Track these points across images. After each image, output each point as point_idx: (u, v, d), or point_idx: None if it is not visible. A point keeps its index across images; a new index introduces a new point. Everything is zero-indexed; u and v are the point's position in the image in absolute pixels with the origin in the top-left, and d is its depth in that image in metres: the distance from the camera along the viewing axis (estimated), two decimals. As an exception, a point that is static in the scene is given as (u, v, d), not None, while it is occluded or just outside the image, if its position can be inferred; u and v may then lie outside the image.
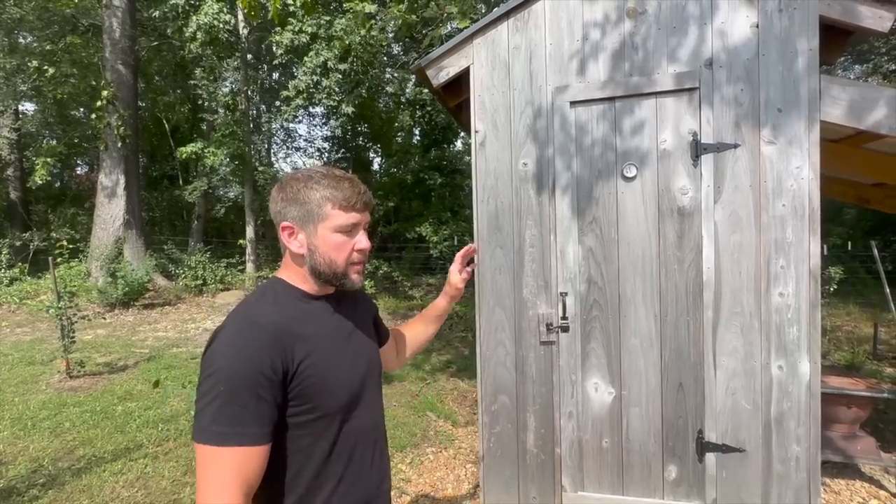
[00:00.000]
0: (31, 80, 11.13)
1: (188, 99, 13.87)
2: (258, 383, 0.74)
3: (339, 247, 0.87)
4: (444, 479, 2.83)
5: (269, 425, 0.76)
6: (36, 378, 4.75)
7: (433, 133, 12.16)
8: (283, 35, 7.94)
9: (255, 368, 0.74)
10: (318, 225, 0.86)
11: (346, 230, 0.87)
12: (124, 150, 9.36)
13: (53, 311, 4.65)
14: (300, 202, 0.86)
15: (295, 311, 0.87)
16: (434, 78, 2.23)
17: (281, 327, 0.81)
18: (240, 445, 0.72)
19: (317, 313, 0.90)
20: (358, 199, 0.86)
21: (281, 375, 0.77)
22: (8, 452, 3.16)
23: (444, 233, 10.43)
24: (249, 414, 0.73)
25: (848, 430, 2.73)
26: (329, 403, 0.84)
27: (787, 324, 1.86)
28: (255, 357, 0.75)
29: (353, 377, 0.91)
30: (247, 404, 0.73)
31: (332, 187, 0.85)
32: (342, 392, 0.87)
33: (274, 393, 0.76)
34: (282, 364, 0.77)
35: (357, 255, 0.89)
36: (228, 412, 0.72)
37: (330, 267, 0.87)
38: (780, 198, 1.85)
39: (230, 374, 0.73)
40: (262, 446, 0.75)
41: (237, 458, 0.72)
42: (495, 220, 2.17)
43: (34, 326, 7.13)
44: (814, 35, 1.81)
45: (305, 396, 0.81)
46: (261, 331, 0.79)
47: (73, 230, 12.16)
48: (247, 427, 0.73)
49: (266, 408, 0.75)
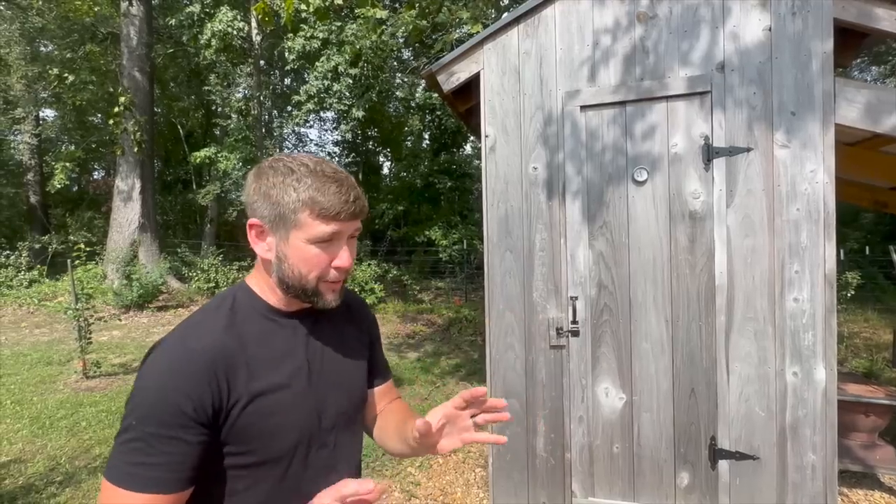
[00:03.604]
0: (52, 87, 11.45)
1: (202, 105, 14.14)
2: (177, 423, 0.62)
3: (312, 260, 0.70)
4: (453, 483, 2.83)
5: (189, 471, 0.64)
6: (54, 378, 4.86)
7: (442, 137, 12.23)
8: (295, 41, 8.07)
9: (174, 406, 0.62)
10: (291, 231, 0.69)
11: (323, 242, 0.70)
12: (140, 155, 9.57)
13: (71, 313, 4.75)
14: (273, 201, 0.69)
15: (250, 330, 0.72)
16: (445, 83, 2.25)
17: (219, 354, 0.67)
18: (145, 492, 0.61)
19: (279, 334, 0.75)
20: (343, 208, 0.69)
21: (210, 413, 0.65)
22: (27, 450, 3.23)
23: (454, 237, 10.46)
24: (164, 457, 0.62)
25: (867, 439, 2.67)
26: (272, 448, 0.70)
27: (802, 329, 1.83)
28: (178, 391, 0.63)
29: (313, 417, 0.75)
30: (161, 445, 0.62)
31: (313, 189, 0.68)
32: (291, 435, 0.72)
33: (198, 434, 0.64)
34: (212, 400, 0.65)
35: (334, 274, 0.72)
36: (138, 452, 0.62)
37: (299, 281, 0.71)
38: (794, 202, 1.83)
39: (145, 411, 0.62)
40: (175, 495, 0.63)
41: (138, 503, 0.61)
42: (505, 225, 2.18)
43: (52, 327, 7.29)
44: (828, 37, 1.79)
45: (242, 438, 0.68)
46: (192, 359, 0.65)
47: (90, 233, 12.43)
48: (157, 471, 0.61)
49: (185, 451, 0.63)
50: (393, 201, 11.90)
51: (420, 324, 7.75)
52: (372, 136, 15.90)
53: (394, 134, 14.88)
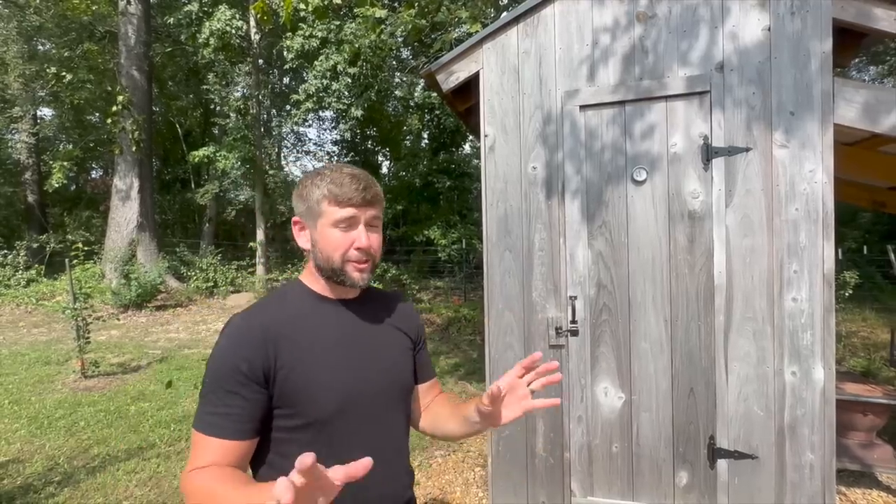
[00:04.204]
0: (49, 85, 11.41)
1: (200, 104, 14.11)
2: (235, 380, 0.77)
3: (335, 242, 0.84)
4: (452, 482, 2.83)
5: (249, 422, 0.78)
6: (52, 377, 4.85)
7: (441, 137, 12.22)
8: (294, 40, 8.05)
9: (232, 366, 0.78)
10: (318, 220, 0.86)
11: (341, 225, 0.84)
12: (138, 155, 9.54)
13: (69, 313, 4.74)
14: (304, 198, 0.87)
15: (295, 311, 0.86)
16: (444, 82, 2.25)
17: (268, 327, 0.81)
18: (213, 436, 0.76)
19: (321, 315, 0.88)
20: (355, 194, 0.83)
21: (261, 375, 0.78)
22: (25, 450, 3.22)
23: (453, 236, 10.46)
24: (226, 407, 0.77)
25: (864, 438, 2.68)
26: (311, 411, 0.81)
27: (801, 329, 1.83)
28: (236, 354, 0.78)
29: (351, 387, 0.85)
30: (224, 398, 0.77)
31: (331, 183, 0.84)
32: (329, 401, 0.82)
33: (253, 391, 0.78)
34: (262, 364, 0.78)
35: (355, 253, 0.85)
36: (210, 403, 0.78)
37: (328, 262, 0.86)
38: (793, 202, 1.83)
39: (213, 369, 0.79)
40: (237, 441, 0.77)
41: (210, 446, 0.76)
42: (504, 224, 2.18)
43: (50, 327, 7.27)
44: (827, 37, 1.79)
45: (286, 399, 0.80)
46: (247, 331, 0.81)
47: (88, 233, 12.40)
48: (222, 419, 0.77)
49: (243, 405, 0.77)
50: (392, 201, 11.88)
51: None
52: (371, 136, 15.88)
53: (392, 133, 14.86)
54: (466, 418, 0.87)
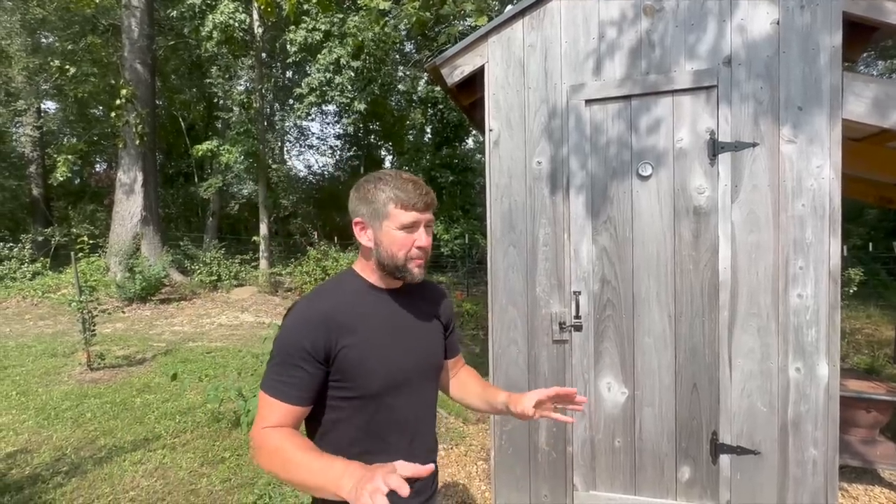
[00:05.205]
0: (53, 79, 11.41)
1: (204, 97, 14.09)
2: (299, 356, 0.89)
3: (400, 242, 0.95)
4: (455, 475, 2.84)
5: (308, 391, 0.91)
6: (58, 370, 4.89)
7: (445, 131, 12.17)
8: (297, 33, 8.02)
9: (298, 343, 0.90)
10: (383, 222, 0.95)
11: (406, 227, 0.94)
12: (142, 148, 9.54)
13: (75, 305, 4.77)
14: (369, 201, 0.96)
15: (352, 300, 0.98)
16: (448, 76, 2.23)
17: (330, 313, 0.93)
18: (278, 399, 0.89)
19: (374, 303, 1.00)
20: (419, 199, 0.94)
21: (322, 353, 0.90)
22: (33, 441, 3.26)
23: (456, 231, 10.45)
24: (290, 377, 0.89)
25: (867, 435, 2.68)
26: (365, 385, 0.94)
27: (806, 325, 1.83)
28: (302, 334, 0.91)
29: (396, 366, 0.98)
30: (289, 369, 0.90)
31: (396, 188, 0.94)
32: (379, 377, 0.95)
33: (314, 366, 0.90)
34: (324, 344, 0.90)
35: (416, 252, 0.96)
36: (276, 372, 0.90)
37: (392, 260, 0.96)
38: (799, 197, 1.82)
39: (281, 344, 0.91)
40: (297, 406, 0.90)
41: (276, 407, 0.89)
42: (509, 219, 2.18)
43: (56, 319, 7.32)
44: (837, 31, 1.77)
45: (343, 375, 0.93)
46: (312, 313, 0.93)
47: (92, 226, 12.46)
48: (287, 387, 0.89)
49: (305, 376, 0.90)
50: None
51: (422, 318, 7.77)
52: (374, 130, 15.84)
53: (396, 128, 14.82)
54: (492, 403, 1.10)
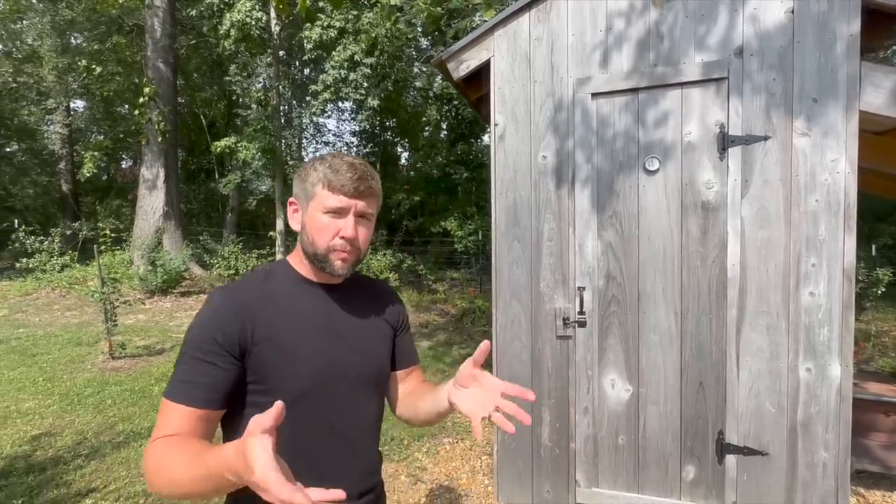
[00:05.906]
0: (81, 78, 11.80)
1: (224, 95, 14.37)
2: (210, 349, 0.78)
3: (322, 228, 0.85)
4: (459, 469, 2.86)
5: (218, 392, 0.78)
6: (82, 358, 5.08)
7: (460, 127, 12.13)
8: (313, 30, 8.09)
9: (209, 336, 0.79)
10: (310, 203, 0.87)
11: (332, 212, 0.85)
12: (164, 145, 9.80)
13: (98, 297, 4.95)
14: (302, 179, 0.88)
15: (277, 290, 0.88)
16: (454, 71, 2.23)
17: (248, 302, 0.83)
18: (182, 404, 0.76)
19: (302, 297, 0.89)
20: (350, 183, 0.83)
21: (236, 347, 0.79)
22: (56, 425, 3.41)
23: (469, 227, 10.43)
24: (198, 374, 0.77)
25: (887, 440, 2.58)
26: (282, 387, 0.82)
27: (818, 325, 1.77)
28: (212, 325, 0.80)
29: (323, 371, 0.86)
30: (198, 366, 0.78)
31: (330, 168, 0.85)
32: (300, 379, 0.83)
33: (226, 361, 0.79)
34: (238, 336, 0.80)
35: (339, 242, 0.85)
36: (183, 371, 0.78)
37: (312, 247, 0.86)
38: (812, 193, 1.76)
39: (191, 336, 0.80)
40: (203, 410, 0.77)
41: (176, 413, 0.75)
42: (513, 213, 2.17)
43: (82, 310, 7.61)
44: (855, 18, 1.70)
45: (259, 373, 0.81)
46: (226, 303, 0.82)
47: (118, 221, 12.85)
48: (193, 387, 0.77)
49: (216, 374, 0.78)
50: (409, 192, 11.91)
51: (434, 313, 7.79)
52: (390, 127, 15.89)
53: (411, 124, 14.83)
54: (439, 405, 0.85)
